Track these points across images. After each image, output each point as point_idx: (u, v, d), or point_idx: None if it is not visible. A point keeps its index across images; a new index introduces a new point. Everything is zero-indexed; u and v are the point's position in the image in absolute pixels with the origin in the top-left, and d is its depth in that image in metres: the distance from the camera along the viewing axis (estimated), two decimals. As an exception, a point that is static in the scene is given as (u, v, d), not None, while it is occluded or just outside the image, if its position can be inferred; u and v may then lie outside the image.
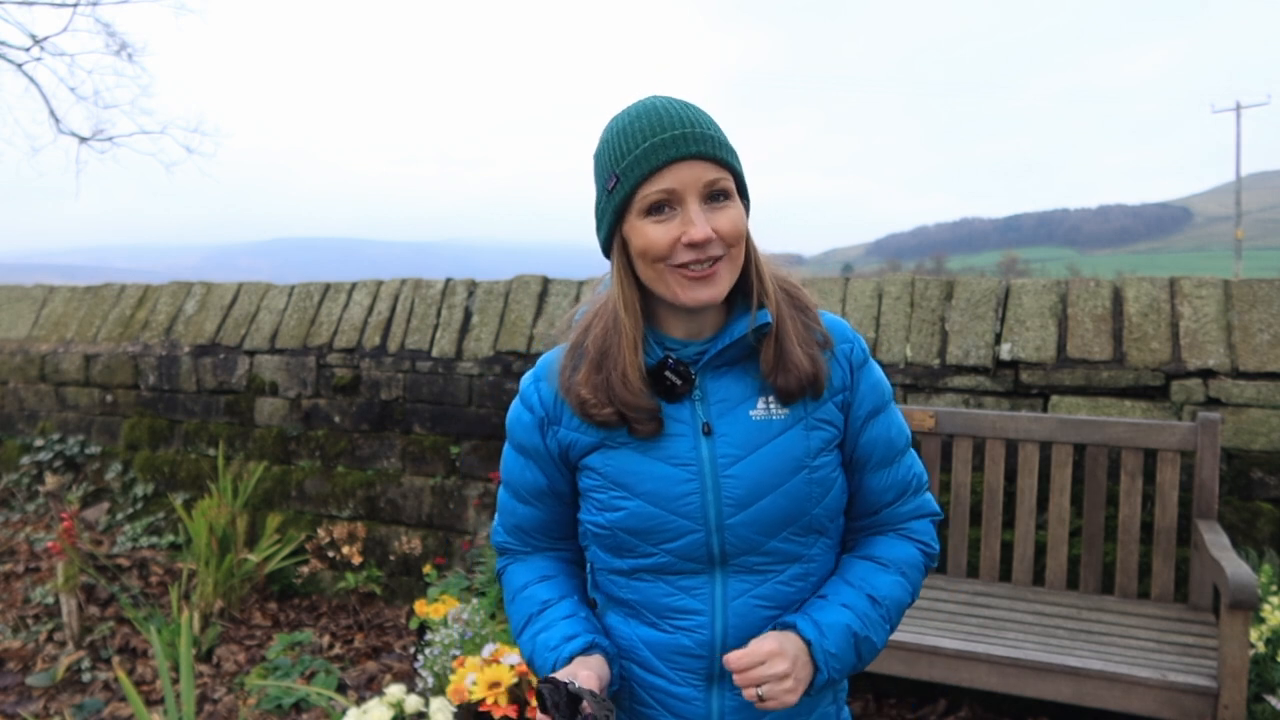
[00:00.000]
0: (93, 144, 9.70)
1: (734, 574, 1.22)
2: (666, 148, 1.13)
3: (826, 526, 1.26)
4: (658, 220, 1.15)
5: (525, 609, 1.32)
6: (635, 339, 1.20)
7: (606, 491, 1.24)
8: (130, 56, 9.49)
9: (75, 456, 5.12)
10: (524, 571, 1.37)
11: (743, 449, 1.20)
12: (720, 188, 1.16)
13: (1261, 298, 3.22)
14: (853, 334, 1.30)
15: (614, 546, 1.25)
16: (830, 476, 1.24)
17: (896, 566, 1.28)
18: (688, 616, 1.23)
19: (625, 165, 1.16)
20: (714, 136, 1.16)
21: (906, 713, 3.16)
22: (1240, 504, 3.10)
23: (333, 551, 4.14)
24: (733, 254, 1.17)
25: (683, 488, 1.20)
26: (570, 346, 1.27)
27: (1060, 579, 3.13)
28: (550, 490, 1.32)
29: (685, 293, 1.16)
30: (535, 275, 4.37)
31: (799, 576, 1.25)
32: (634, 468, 1.22)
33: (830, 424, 1.25)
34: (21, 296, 5.80)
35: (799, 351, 1.20)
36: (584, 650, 1.22)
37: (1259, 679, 2.55)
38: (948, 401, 3.43)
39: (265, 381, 4.66)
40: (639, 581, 1.25)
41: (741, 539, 1.20)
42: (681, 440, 1.21)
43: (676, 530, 1.20)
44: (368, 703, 2.57)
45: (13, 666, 3.57)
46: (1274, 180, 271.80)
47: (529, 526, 1.36)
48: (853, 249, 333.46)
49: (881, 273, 49.50)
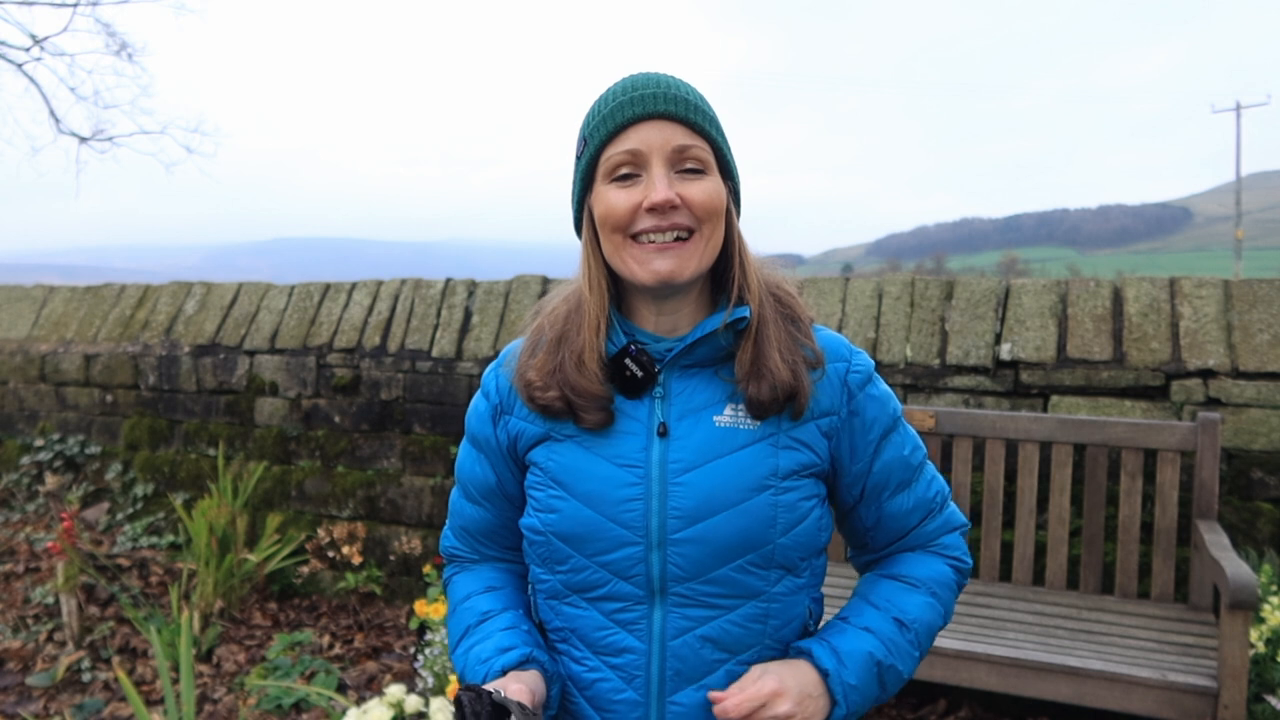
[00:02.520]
0: (93, 144, 9.70)
1: (676, 606, 1.07)
2: (632, 105, 1.05)
3: (796, 564, 1.10)
4: (621, 185, 1.06)
5: (464, 620, 1.19)
6: (598, 319, 1.09)
7: (545, 490, 1.11)
8: (130, 56, 9.50)
9: (75, 456, 5.12)
10: (469, 581, 1.25)
11: (699, 456, 1.07)
12: (693, 155, 1.06)
13: (1261, 298, 3.22)
14: (851, 352, 1.15)
15: (547, 557, 1.12)
16: (802, 505, 1.09)
17: (927, 586, 1.15)
18: (622, 654, 1.09)
19: (592, 128, 1.08)
20: (685, 99, 1.06)
21: (907, 713, 3.16)
22: (1240, 504, 3.10)
23: (333, 551, 4.14)
24: (705, 232, 1.06)
25: (625, 491, 1.07)
26: (533, 329, 1.18)
27: (1060, 579, 3.13)
28: (499, 490, 1.20)
29: (641, 265, 1.05)
30: (535, 275, 4.37)
31: (755, 618, 1.08)
32: (575, 464, 1.10)
33: (807, 447, 1.10)
34: (21, 296, 5.80)
35: (777, 358, 1.07)
36: (519, 664, 1.07)
37: (1259, 679, 2.55)
38: (948, 401, 3.43)
39: (265, 381, 4.65)
40: (572, 608, 1.11)
41: (688, 559, 1.06)
42: (632, 439, 1.09)
43: (614, 540, 1.07)
44: (368, 703, 2.57)
45: (13, 666, 3.57)
46: (1274, 180, 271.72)
47: (477, 530, 1.24)
48: (853, 249, 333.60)
49: (881, 273, 49.50)
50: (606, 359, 1.10)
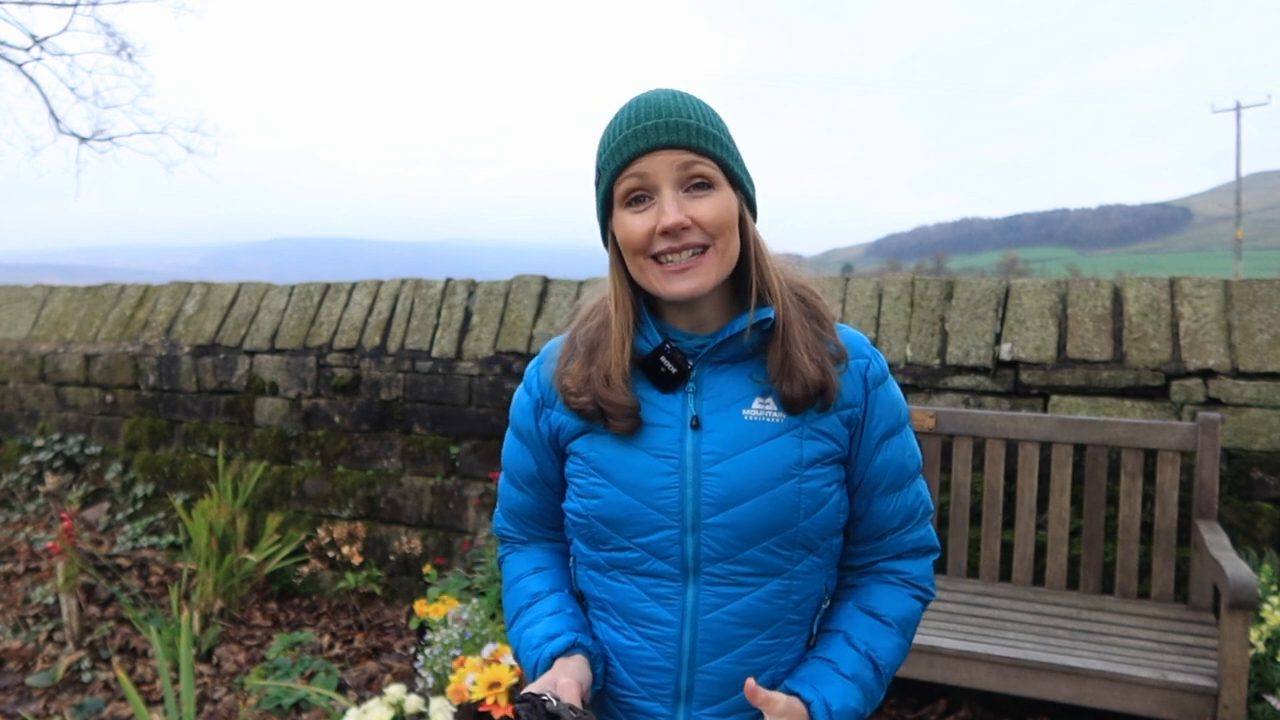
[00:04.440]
0: (93, 144, 9.71)
1: (708, 584, 1.17)
2: (637, 139, 1.12)
3: (816, 544, 1.20)
4: (635, 211, 1.13)
5: (516, 601, 1.31)
6: (623, 338, 1.18)
7: (587, 478, 1.21)
8: (130, 56, 9.51)
9: (75, 456, 5.12)
10: (520, 562, 1.35)
11: (730, 448, 1.16)
12: (698, 173, 1.12)
13: (1261, 298, 3.22)
14: (871, 350, 1.24)
15: (590, 537, 1.22)
16: (824, 491, 1.18)
17: (900, 627, 1.24)
18: (656, 626, 1.19)
19: (603, 161, 1.16)
20: (689, 124, 1.12)
21: (907, 713, 3.16)
22: (1240, 504, 3.10)
23: (333, 551, 4.14)
24: (719, 245, 1.13)
25: (661, 480, 1.16)
26: (570, 335, 1.27)
27: (1060, 579, 3.13)
28: (540, 477, 1.30)
29: (663, 285, 1.13)
30: (535, 275, 4.37)
31: (779, 594, 1.19)
32: (615, 455, 1.19)
33: (830, 437, 1.19)
34: (21, 296, 5.80)
35: (805, 358, 1.16)
36: (565, 650, 1.18)
37: (1259, 679, 2.55)
38: (948, 401, 3.43)
39: (265, 381, 4.66)
40: (612, 580, 1.22)
41: (719, 542, 1.16)
42: (667, 432, 1.18)
43: (651, 524, 1.17)
44: (368, 703, 2.57)
45: (13, 666, 3.57)
46: (1274, 180, 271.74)
47: (523, 513, 1.35)
48: (853, 249, 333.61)
49: (881, 273, 49.49)
50: (641, 357, 1.19)
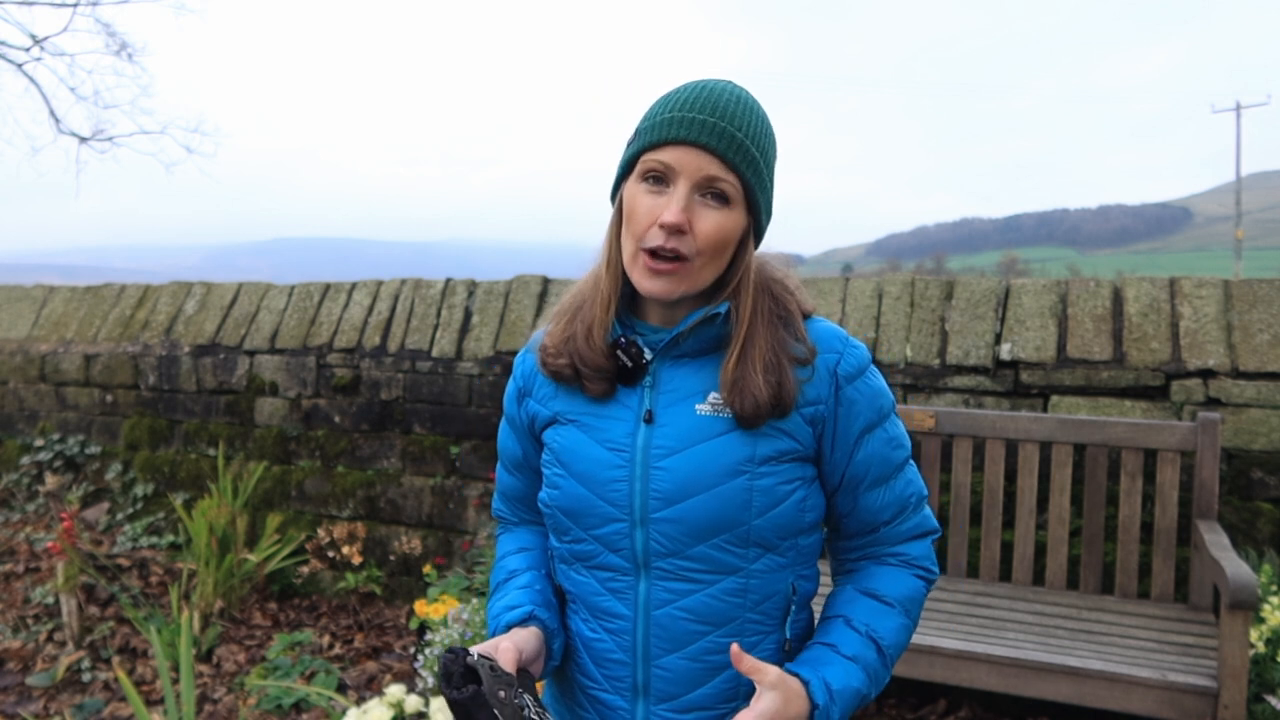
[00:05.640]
0: (93, 144, 9.70)
1: (659, 579, 1.16)
2: (680, 125, 1.10)
3: (774, 543, 1.16)
4: (650, 190, 1.13)
5: (497, 577, 1.33)
6: (610, 297, 1.18)
7: (551, 468, 1.23)
8: (130, 56, 9.50)
9: (75, 456, 5.12)
10: (508, 541, 1.38)
11: (680, 442, 1.15)
12: (719, 188, 1.11)
13: (1261, 298, 3.22)
14: (844, 344, 1.19)
15: (555, 528, 1.24)
16: (780, 489, 1.15)
17: (902, 606, 1.20)
18: (613, 619, 1.19)
19: (645, 126, 1.14)
20: (732, 135, 1.10)
21: (906, 713, 3.16)
22: (1240, 504, 3.10)
23: (333, 551, 4.14)
24: (698, 262, 1.12)
25: (612, 473, 1.17)
26: (557, 311, 1.27)
27: (1060, 579, 3.13)
28: (525, 462, 1.33)
29: (641, 279, 1.14)
30: (535, 275, 4.37)
31: (734, 592, 1.16)
32: (574, 446, 1.20)
33: (788, 434, 1.16)
34: (21, 296, 5.80)
35: (759, 379, 1.12)
36: (522, 621, 1.18)
37: (1259, 679, 2.55)
38: (948, 401, 3.43)
39: (265, 381, 4.66)
40: (576, 573, 1.23)
41: (667, 537, 1.15)
42: (622, 425, 1.18)
43: (602, 516, 1.17)
44: (368, 703, 2.57)
45: (13, 666, 3.57)
46: (1274, 180, 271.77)
47: (512, 496, 1.38)
48: (853, 249, 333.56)
49: (881, 273, 49.50)
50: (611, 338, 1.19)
